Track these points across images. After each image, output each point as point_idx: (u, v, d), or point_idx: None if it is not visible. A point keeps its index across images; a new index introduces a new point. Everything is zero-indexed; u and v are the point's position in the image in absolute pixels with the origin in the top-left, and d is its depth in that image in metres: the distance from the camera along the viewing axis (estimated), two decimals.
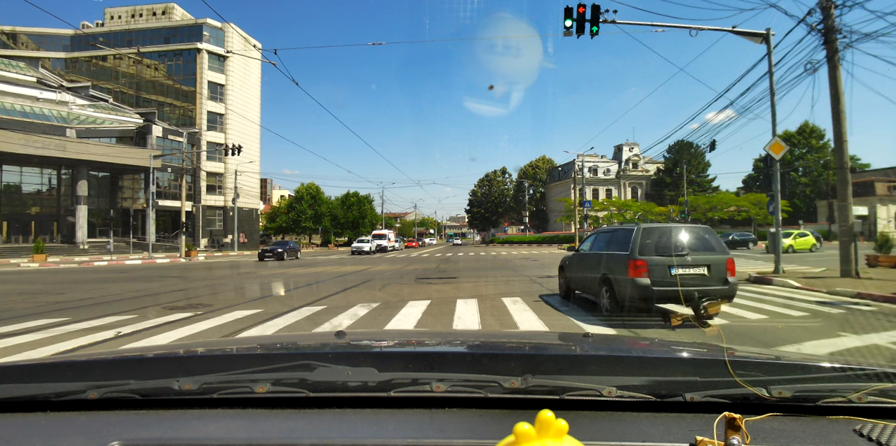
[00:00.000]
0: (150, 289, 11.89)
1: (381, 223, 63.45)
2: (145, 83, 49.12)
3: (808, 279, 11.24)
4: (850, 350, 4.81)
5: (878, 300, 8.12)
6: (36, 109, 36.64)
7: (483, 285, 11.59)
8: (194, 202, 44.55)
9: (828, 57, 11.18)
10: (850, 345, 4.96)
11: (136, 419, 0.93)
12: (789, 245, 25.87)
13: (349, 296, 9.68)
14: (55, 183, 37.93)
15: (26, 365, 1.18)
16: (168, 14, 51.05)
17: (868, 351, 4.76)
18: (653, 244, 6.52)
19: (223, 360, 1.25)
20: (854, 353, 4.67)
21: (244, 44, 49.12)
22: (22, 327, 6.48)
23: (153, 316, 7.40)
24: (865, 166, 52.90)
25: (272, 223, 61.21)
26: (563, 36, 11.67)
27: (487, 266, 19.36)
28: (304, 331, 6.10)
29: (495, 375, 0.97)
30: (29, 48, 49.48)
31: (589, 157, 58.41)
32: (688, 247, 6.53)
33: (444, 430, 0.85)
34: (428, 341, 1.71)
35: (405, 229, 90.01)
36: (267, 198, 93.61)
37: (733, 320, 6.54)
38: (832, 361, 1.07)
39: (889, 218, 44.90)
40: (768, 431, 0.83)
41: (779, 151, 12.37)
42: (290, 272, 17.98)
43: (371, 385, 0.99)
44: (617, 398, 0.93)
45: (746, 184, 60.74)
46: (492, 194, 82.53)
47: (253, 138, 50.23)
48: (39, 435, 0.85)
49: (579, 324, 6.37)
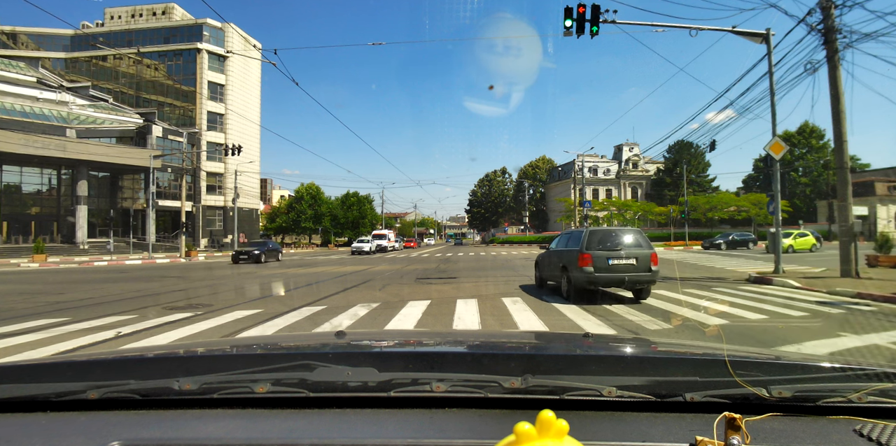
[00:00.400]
0: (150, 289, 11.89)
1: (381, 223, 63.42)
2: (145, 83, 49.14)
3: (808, 279, 11.24)
4: (850, 350, 4.81)
5: (878, 300, 8.12)
6: (36, 109, 36.65)
7: (483, 285, 11.59)
8: (194, 202, 44.57)
9: (828, 57, 11.18)
10: (850, 345, 4.96)
11: (136, 419, 0.93)
12: (789, 245, 25.87)
13: (349, 296, 9.68)
14: (55, 183, 37.94)
15: (26, 365, 1.18)
16: (168, 14, 51.07)
17: (868, 351, 4.76)
18: (597, 242, 8.54)
19: (223, 360, 1.25)
20: (854, 353, 4.67)
21: (244, 44, 49.15)
22: (22, 327, 6.48)
23: (153, 316, 7.41)
24: (865, 166, 52.89)
25: (272, 223, 61.20)
26: (563, 36, 11.68)
27: (487, 266, 19.37)
28: (305, 331, 6.10)
29: (495, 375, 0.97)
30: (29, 48, 49.50)
31: (589, 157, 58.41)
32: (622, 244, 8.56)
33: (444, 430, 0.85)
34: (428, 341, 1.71)
35: (405, 229, 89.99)
36: (267, 198, 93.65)
37: (733, 320, 6.55)
38: (832, 361, 1.07)
39: (889, 218, 44.89)
40: (768, 431, 0.83)
41: (779, 151, 12.37)
42: (290, 272, 17.98)
43: (371, 385, 0.98)
44: (617, 398, 0.93)
45: (746, 184, 60.75)
46: (492, 194, 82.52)
47: (253, 138, 50.25)
48: (39, 435, 0.85)
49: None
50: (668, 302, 8.40)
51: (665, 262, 20.17)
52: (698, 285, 11.17)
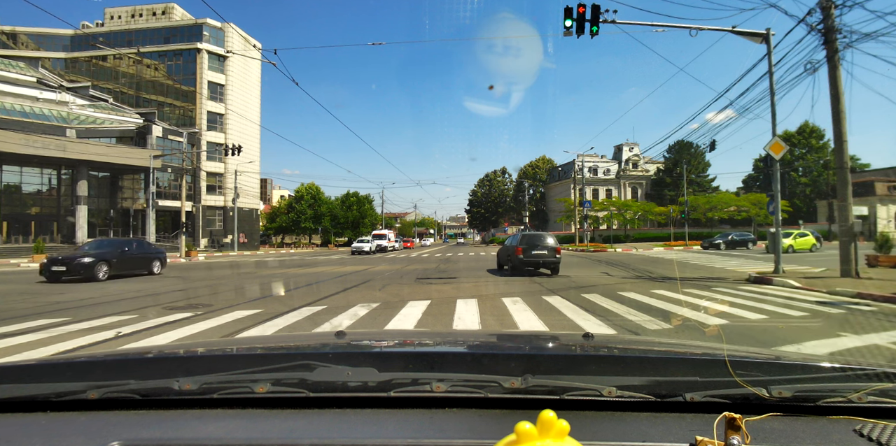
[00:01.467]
0: (150, 289, 11.89)
1: (381, 223, 63.43)
2: (145, 83, 49.13)
3: (808, 279, 11.24)
4: (850, 350, 4.81)
5: (879, 300, 8.12)
6: (36, 109, 36.64)
7: (483, 285, 11.59)
8: (194, 202, 44.57)
9: (828, 57, 11.18)
10: (850, 345, 4.96)
11: (136, 419, 0.93)
12: (789, 245, 25.86)
13: (349, 296, 9.68)
14: (55, 183, 37.93)
15: (26, 365, 1.18)
16: (168, 14, 51.06)
17: (868, 351, 4.76)
18: (526, 240, 14.54)
19: (223, 360, 1.25)
20: (854, 353, 4.67)
21: (244, 44, 49.13)
22: (22, 327, 6.48)
23: (153, 316, 7.40)
24: (865, 166, 52.89)
25: (272, 223, 61.24)
26: (563, 36, 11.69)
27: (488, 266, 19.36)
28: (305, 331, 6.10)
29: (495, 375, 0.97)
30: (29, 48, 49.49)
31: (589, 157, 58.41)
32: (540, 241, 14.41)
33: (444, 430, 0.85)
34: (428, 341, 1.71)
35: (405, 229, 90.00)
36: (267, 198, 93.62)
37: (733, 320, 6.55)
38: (832, 361, 1.07)
39: (889, 218, 44.88)
40: (768, 431, 0.83)
41: (779, 151, 12.37)
42: (291, 272, 17.98)
43: (371, 385, 0.98)
44: (617, 398, 0.93)
45: (746, 184, 60.77)
46: (492, 194, 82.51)
47: (253, 138, 50.24)
48: (39, 435, 0.85)
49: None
50: (668, 302, 8.40)
51: (665, 262, 20.18)
52: (698, 285, 11.17)
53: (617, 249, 35.40)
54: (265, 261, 26.57)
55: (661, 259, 22.29)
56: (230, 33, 47.69)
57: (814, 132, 53.37)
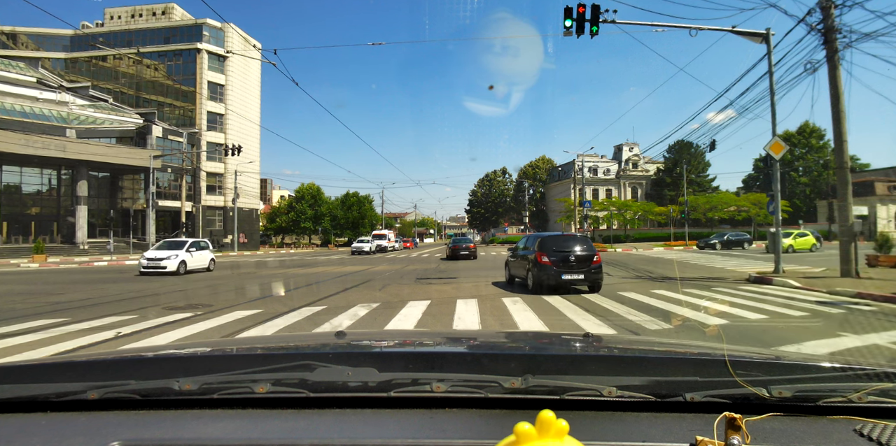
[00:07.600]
0: (150, 290, 11.89)
1: (381, 223, 63.42)
2: (145, 83, 49.10)
3: (808, 279, 11.24)
4: (851, 350, 4.81)
5: (878, 300, 8.12)
6: (36, 109, 36.63)
7: (483, 285, 11.59)
8: (194, 202, 44.55)
9: (828, 57, 11.17)
10: (851, 345, 4.96)
11: (136, 419, 0.93)
12: (789, 245, 25.85)
13: (349, 297, 9.68)
14: (55, 183, 37.92)
15: (26, 366, 1.18)
16: (168, 14, 51.05)
17: (868, 350, 4.76)
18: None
19: (223, 360, 1.24)
20: (854, 353, 4.67)
21: (244, 44, 49.12)
22: (22, 327, 6.48)
23: (153, 316, 7.40)
24: (865, 166, 52.92)
25: (272, 223, 61.18)
26: (563, 36, 11.67)
27: (488, 266, 19.35)
28: (305, 331, 6.10)
29: (495, 375, 0.97)
30: (29, 48, 49.47)
31: (589, 157, 58.38)
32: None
33: (444, 430, 0.85)
34: (428, 341, 1.71)
35: (405, 229, 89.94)
36: (267, 198, 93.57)
37: (733, 320, 6.55)
38: (832, 361, 1.07)
39: (889, 218, 44.89)
40: (768, 431, 0.83)
41: (779, 151, 12.37)
42: (291, 272, 17.98)
43: (371, 385, 0.98)
44: (617, 398, 0.92)
45: (746, 184, 60.75)
46: (492, 194, 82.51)
47: (253, 138, 50.21)
48: (39, 435, 0.85)
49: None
50: (668, 302, 8.40)
51: (665, 262, 20.18)
52: (698, 285, 11.17)
53: (617, 249, 35.41)
54: (265, 261, 26.57)
55: (660, 259, 22.29)
56: (230, 33, 47.67)
57: (814, 132, 53.37)
